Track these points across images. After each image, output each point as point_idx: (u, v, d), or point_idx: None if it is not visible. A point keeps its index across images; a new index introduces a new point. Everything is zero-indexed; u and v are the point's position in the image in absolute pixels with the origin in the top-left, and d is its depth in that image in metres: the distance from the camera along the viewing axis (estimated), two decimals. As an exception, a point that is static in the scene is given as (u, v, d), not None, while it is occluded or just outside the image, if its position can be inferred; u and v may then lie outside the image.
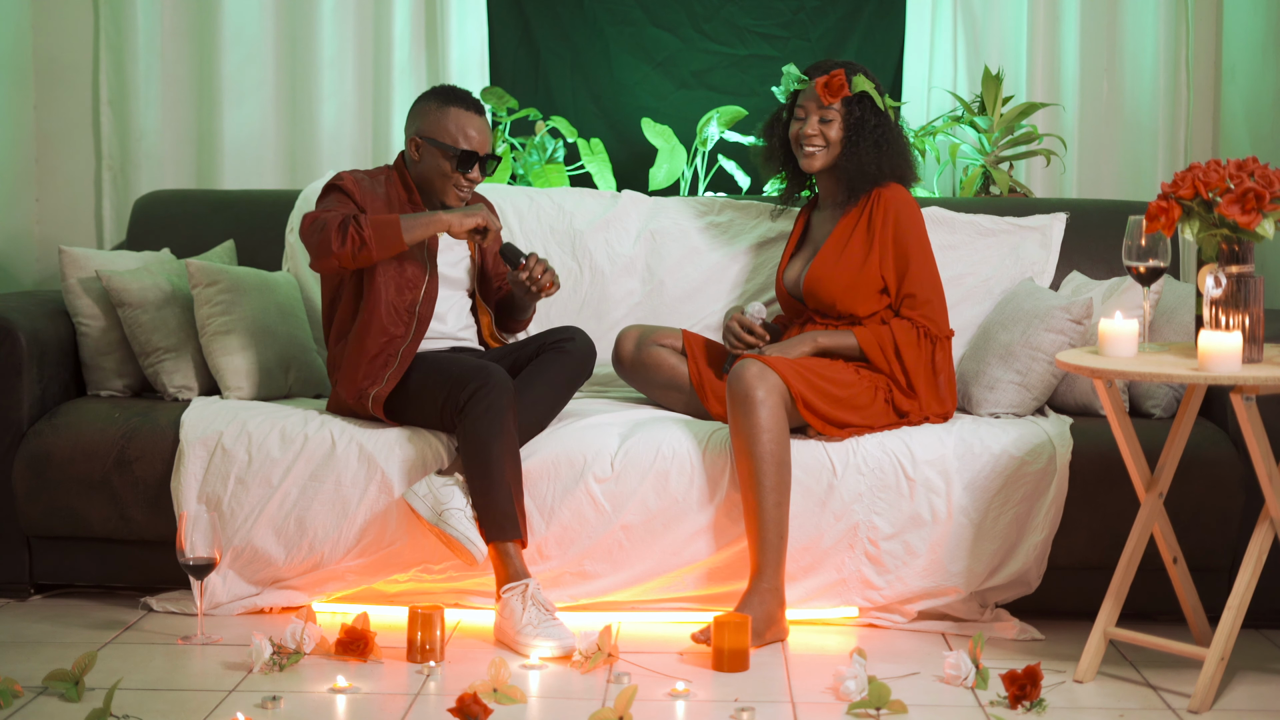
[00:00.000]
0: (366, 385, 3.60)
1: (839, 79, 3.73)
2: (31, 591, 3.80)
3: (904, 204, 3.73)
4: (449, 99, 3.69)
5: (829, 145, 3.75)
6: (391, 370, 3.59)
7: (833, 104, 3.73)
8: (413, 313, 3.63)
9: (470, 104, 3.69)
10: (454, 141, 3.65)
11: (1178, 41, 4.76)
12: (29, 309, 3.88)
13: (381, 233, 3.49)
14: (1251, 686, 3.20)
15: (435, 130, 3.66)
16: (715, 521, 3.53)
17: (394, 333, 3.62)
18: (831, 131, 3.75)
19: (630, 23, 4.89)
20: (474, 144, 3.66)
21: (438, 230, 3.55)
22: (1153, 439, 3.46)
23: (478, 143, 3.67)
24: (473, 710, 2.86)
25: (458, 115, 3.67)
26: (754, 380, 3.45)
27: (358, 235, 3.48)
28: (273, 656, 3.23)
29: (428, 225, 3.54)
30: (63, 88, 4.89)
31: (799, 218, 3.95)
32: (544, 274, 3.63)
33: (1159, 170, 4.76)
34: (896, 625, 3.58)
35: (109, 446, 3.67)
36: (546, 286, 3.63)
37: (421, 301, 3.64)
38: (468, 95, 3.71)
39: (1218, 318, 3.09)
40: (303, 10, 4.84)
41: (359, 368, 3.62)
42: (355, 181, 3.66)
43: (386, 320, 3.61)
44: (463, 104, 3.68)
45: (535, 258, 3.62)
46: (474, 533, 3.40)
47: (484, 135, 3.69)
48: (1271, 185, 3.03)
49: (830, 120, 3.74)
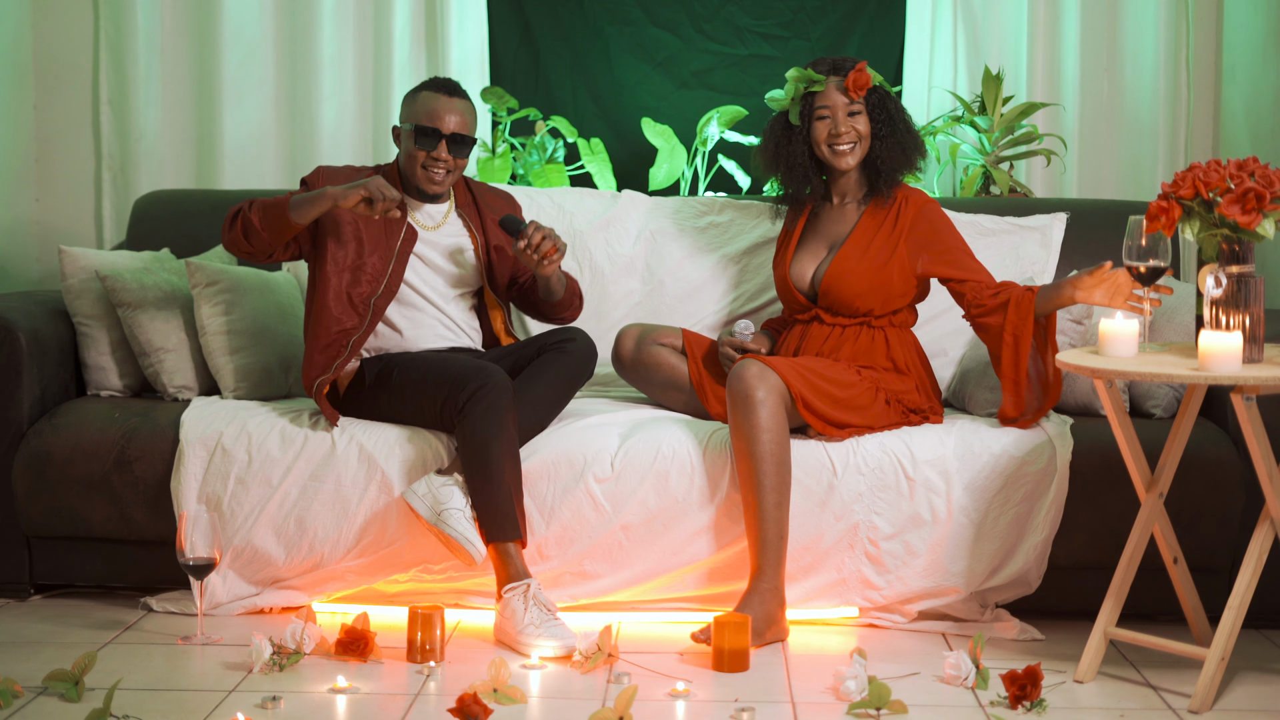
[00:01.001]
0: (316, 374, 3.62)
1: (865, 74, 3.72)
2: (31, 591, 3.80)
3: (927, 204, 3.72)
4: (425, 85, 3.74)
5: (860, 140, 3.74)
6: (341, 359, 3.60)
7: (859, 98, 3.73)
8: (368, 305, 3.63)
9: (441, 87, 3.72)
10: (416, 121, 3.68)
11: (1178, 41, 4.76)
12: (29, 309, 3.88)
13: (268, 214, 3.53)
14: (1252, 687, 3.20)
15: (406, 115, 3.72)
16: (715, 521, 3.53)
17: (346, 324, 3.63)
18: (860, 126, 3.74)
19: (630, 22, 4.89)
20: (436, 121, 3.67)
21: (325, 206, 3.53)
22: (1153, 439, 3.46)
23: (442, 122, 3.67)
24: (473, 710, 2.86)
25: (426, 98, 3.70)
26: (754, 380, 3.45)
27: (246, 218, 3.54)
28: (273, 656, 3.23)
29: (315, 202, 3.52)
30: (63, 87, 4.89)
31: (801, 213, 3.92)
32: (543, 240, 3.62)
33: (1159, 170, 4.76)
34: (897, 625, 3.58)
35: (109, 446, 3.67)
36: (548, 252, 3.62)
37: (380, 295, 3.64)
38: (444, 81, 3.74)
39: (1218, 318, 3.09)
40: (303, 10, 4.84)
41: (312, 356, 3.65)
42: (325, 174, 3.69)
43: (335, 309, 3.63)
44: (434, 87, 3.72)
45: (535, 225, 3.61)
46: (473, 533, 3.40)
47: (452, 115, 3.68)
48: (1272, 185, 3.03)
49: (857, 114, 3.74)
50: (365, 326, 3.62)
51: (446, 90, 3.71)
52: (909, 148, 3.77)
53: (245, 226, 3.56)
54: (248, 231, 3.57)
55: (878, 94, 3.76)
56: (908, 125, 3.79)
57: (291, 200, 3.53)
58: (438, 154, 3.68)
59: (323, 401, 3.60)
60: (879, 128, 3.74)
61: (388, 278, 3.65)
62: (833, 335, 3.72)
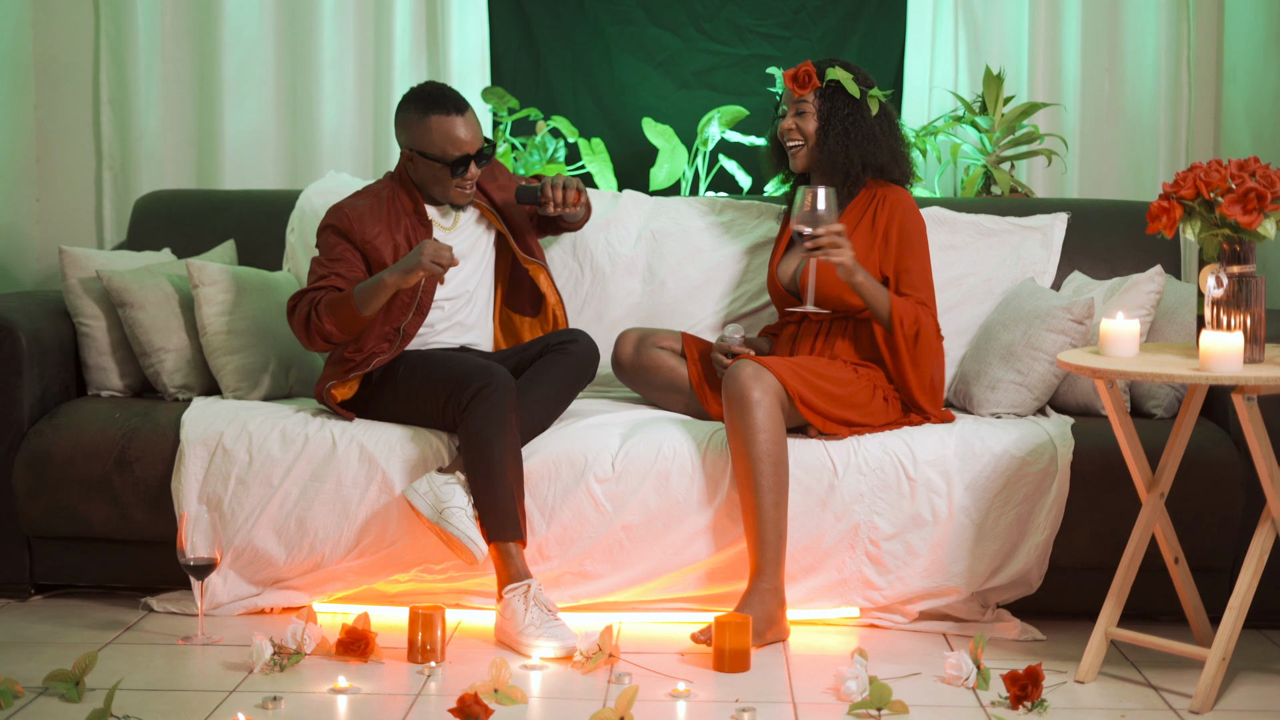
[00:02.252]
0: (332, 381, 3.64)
1: (805, 69, 3.72)
2: (32, 592, 3.80)
3: (908, 208, 3.72)
4: (427, 106, 3.66)
5: (806, 140, 3.75)
6: (358, 374, 3.63)
7: (804, 96, 3.73)
8: (399, 331, 3.64)
9: (447, 106, 3.66)
10: (441, 152, 3.65)
11: (1179, 41, 4.76)
12: (29, 309, 3.88)
13: (343, 320, 3.55)
14: (1253, 687, 3.20)
15: (421, 142, 3.66)
16: (716, 522, 3.53)
17: (377, 350, 3.65)
18: (807, 125, 3.74)
19: (631, 22, 4.89)
20: (462, 147, 3.65)
21: (389, 295, 3.53)
22: (1154, 439, 3.46)
23: (465, 144, 3.65)
24: (473, 710, 2.86)
25: (439, 123, 3.64)
26: (749, 381, 3.45)
27: (322, 329, 3.55)
28: (273, 657, 3.23)
29: (378, 293, 3.52)
30: (63, 88, 4.88)
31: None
32: (565, 192, 3.67)
33: (1160, 170, 4.76)
34: (897, 625, 3.58)
35: (109, 447, 3.67)
36: (574, 201, 3.69)
37: (410, 320, 3.66)
38: (444, 96, 3.67)
39: (1219, 318, 3.09)
40: (303, 10, 4.83)
41: (328, 370, 3.68)
42: (351, 216, 3.67)
43: (370, 344, 3.65)
44: (440, 109, 3.65)
45: (549, 183, 3.66)
46: (475, 532, 3.40)
47: (470, 132, 3.66)
48: (1273, 185, 3.03)
49: (804, 113, 3.74)
50: (393, 350, 3.65)
51: (456, 108, 3.66)
52: (851, 150, 3.72)
53: (325, 336, 3.57)
54: (330, 338, 3.58)
55: (833, 93, 3.74)
56: (859, 126, 3.73)
57: (356, 299, 3.52)
58: (470, 174, 3.68)
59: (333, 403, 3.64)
60: (824, 125, 3.73)
61: (417, 304, 3.65)
62: (823, 330, 3.73)
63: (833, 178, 3.75)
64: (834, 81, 3.73)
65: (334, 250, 3.66)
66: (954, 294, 4.04)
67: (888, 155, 3.77)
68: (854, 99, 3.74)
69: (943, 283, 4.03)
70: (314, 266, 3.67)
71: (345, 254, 3.65)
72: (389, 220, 3.69)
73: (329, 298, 3.56)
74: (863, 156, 3.73)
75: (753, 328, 4.13)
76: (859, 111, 3.74)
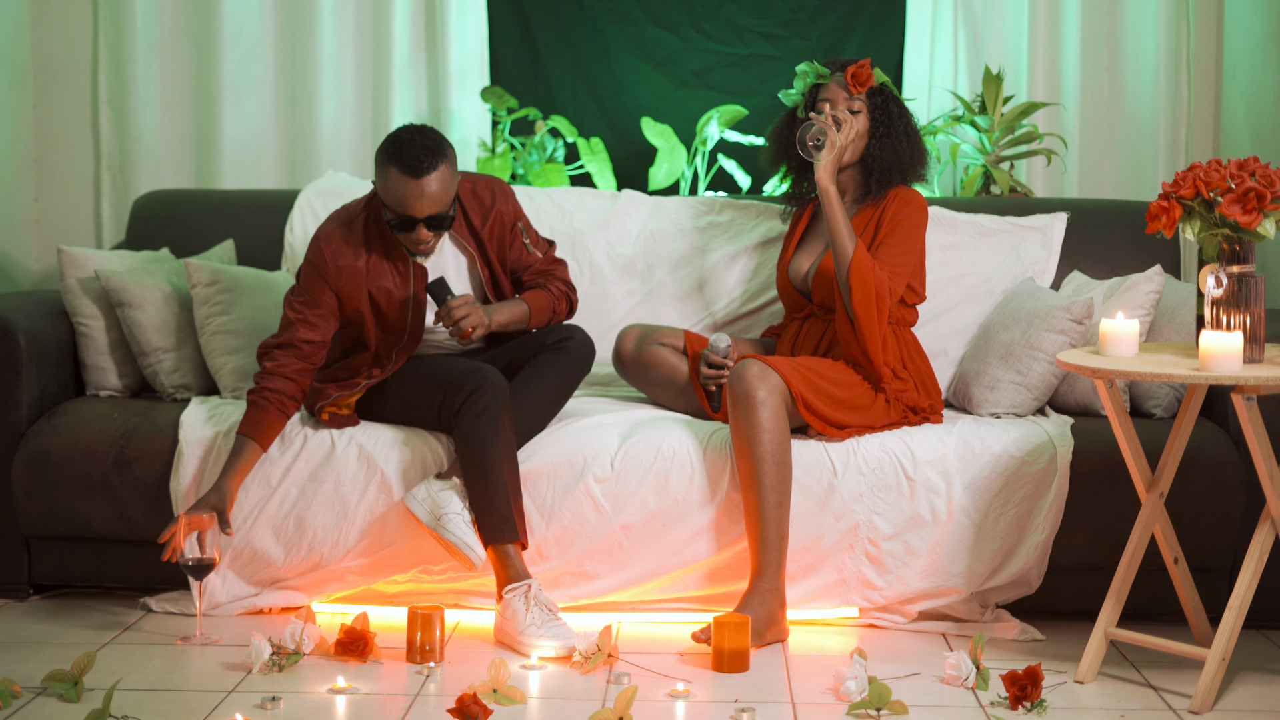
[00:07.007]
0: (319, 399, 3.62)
1: (866, 69, 3.72)
2: (30, 592, 3.80)
3: (915, 204, 3.72)
4: (390, 158, 3.43)
5: (857, 138, 3.74)
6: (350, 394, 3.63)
7: (859, 94, 3.73)
8: (391, 356, 3.63)
9: (408, 166, 3.40)
10: (391, 205, 3.47)
11: (1179, 41, 4.76)
12: (28, 309, 3.88)
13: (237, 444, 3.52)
14: (1252, 687, 3.20)
15: (381, 189, 3.48)
16: (715, 522, 3.53)
17: (372, 372, 3.64)
18: (859, 123, 3.74)
19: (630, 22, 4.88)
20: (407, 209, 3.43)
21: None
22: (1154, 439, 3.46)
23: (412, 208, 3.43)
24: (472, 711, 2.86)
25: (395, 180, 3.42)
26: (755, 380, 3.45)
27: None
28: (272, 657, 3.23)
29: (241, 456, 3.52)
30: (62, 88, 4.88)
31: (804, 213, 3.93)
32: (463, 319, 3.48)
33: (1160, 170, 4.76)
34: (897, 626, 3.58)
35: (108, 447, 3.66)
36: (465, 333, 3.49)
37: (404, 345, 3.63)
38: (411, 151, 3.41)
39: (1219, 317, 3.09)
40: (302, 10, 4.83)
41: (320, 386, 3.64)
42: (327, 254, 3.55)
43: (366, 364, 3.64)
44: (400, 165, 3.41)
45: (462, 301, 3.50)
46: (472, 537, 3.40)
47: (422, 200, 3.42)
48: (1273, 185, 3.03)
49: (857, 111, 3.74)
50: (386, 370, 3.64)
51: (413, 171, 3.40)
52: (904, 153, 3.75)
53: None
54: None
55: (882, 95, 3.76)
56: (909, 131, 3.78)
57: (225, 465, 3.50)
58: (417, 237, 3.50)
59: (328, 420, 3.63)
60: (877, 128, 3.74)
61: (408, 331, 3.62)
62: (828, 332, 3.72)
63: (878, 176, 3.74)
64: (884, 84, 3.75)
65: (307, 291, 3.57)
66: (953, 294, 4.04)
67: (923, 160, 3.81)
68: (902, 104, 3.78)
69: (942, 282, 4.03)
70: (288, 299, 3.58)
71: (319, 299, 3.55)
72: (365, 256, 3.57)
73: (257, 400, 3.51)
74: (918, 159, 3.77)
75: (753, 328, 4.13)
76: (909, 115, 3.79)
